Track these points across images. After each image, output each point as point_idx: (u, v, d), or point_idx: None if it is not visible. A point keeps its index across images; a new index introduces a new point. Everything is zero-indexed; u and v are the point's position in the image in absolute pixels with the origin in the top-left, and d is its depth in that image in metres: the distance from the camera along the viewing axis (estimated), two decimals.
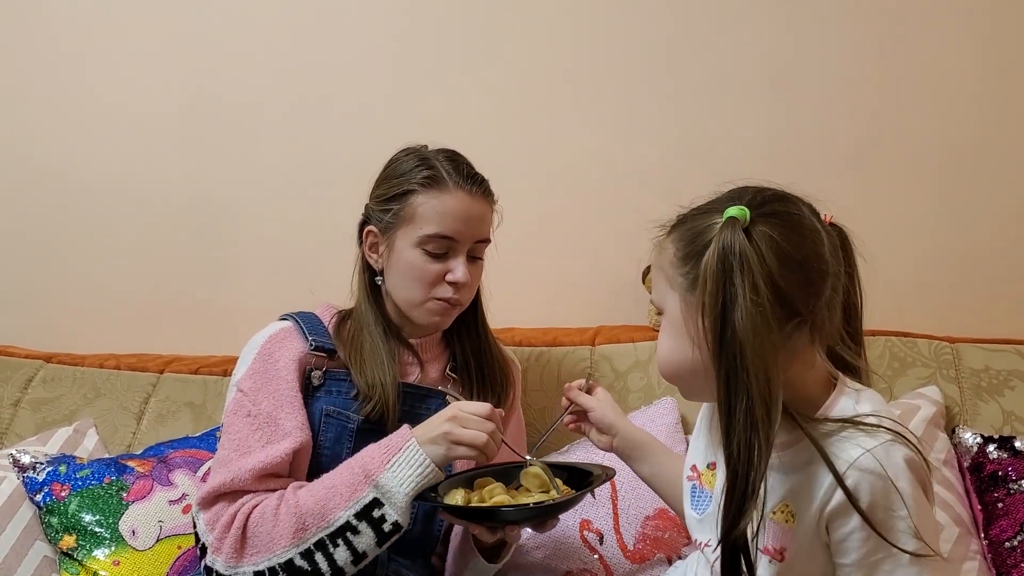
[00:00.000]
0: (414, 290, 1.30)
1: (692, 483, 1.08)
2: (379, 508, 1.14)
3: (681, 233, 0.95)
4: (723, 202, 0.93)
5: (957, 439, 1.49)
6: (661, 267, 0.97)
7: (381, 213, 1.33)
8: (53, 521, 1.44)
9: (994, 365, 1.58)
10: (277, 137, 1.90)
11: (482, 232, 1.32)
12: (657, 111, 1.83)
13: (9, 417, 1.70)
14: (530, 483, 1.22)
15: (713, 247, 0.88)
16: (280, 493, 1.19)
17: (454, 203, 1.28)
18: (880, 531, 0.87)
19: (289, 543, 1.14)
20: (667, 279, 0.95)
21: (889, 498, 0.87)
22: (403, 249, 1.30)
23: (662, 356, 0.97)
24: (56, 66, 1.92)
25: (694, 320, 0.90)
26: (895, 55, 1.79)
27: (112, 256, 1.94)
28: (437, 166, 1.30)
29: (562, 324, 1.73)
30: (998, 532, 1.39)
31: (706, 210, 0.95)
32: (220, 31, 1.90)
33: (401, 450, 1.16)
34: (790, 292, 0.88)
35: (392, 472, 1.15)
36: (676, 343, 0.94)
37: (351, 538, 1.14)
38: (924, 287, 1.80)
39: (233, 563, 1.15)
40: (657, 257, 0.97)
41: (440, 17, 1.85)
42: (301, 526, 1.14)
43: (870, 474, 0.87)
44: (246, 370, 1.30)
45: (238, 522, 1.16)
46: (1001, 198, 1.79)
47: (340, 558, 1.14)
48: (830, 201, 1.79)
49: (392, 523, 1.15)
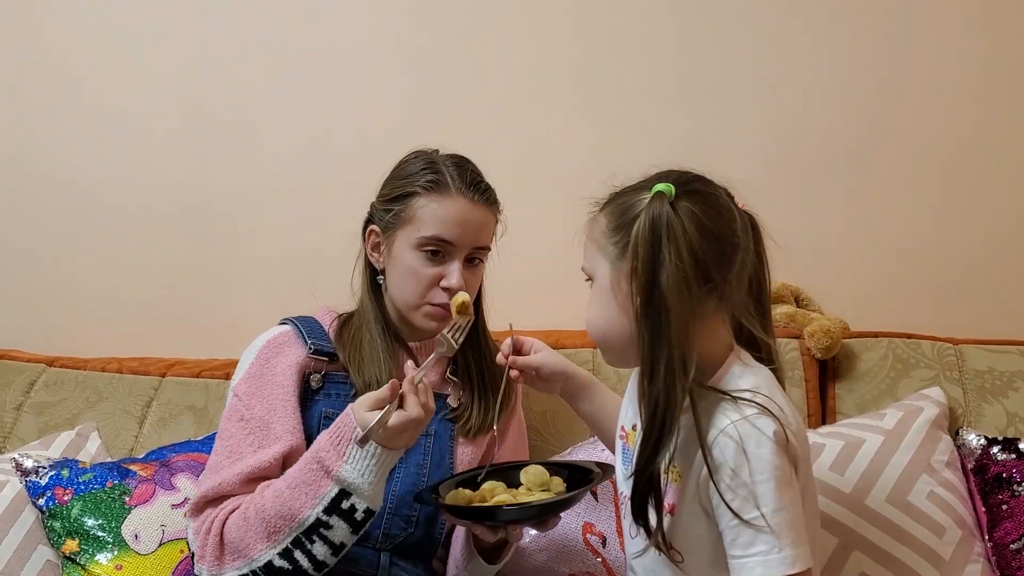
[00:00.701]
0: (410, 292, 1.30)
1: (622, 442, 1.16)
2: (347, 499, 1.13)
3: (613, 208, 1.05)
4: (651, 181, 1.04)
5: (961, 441, 1.48)
6: (594, 238, 1.06)
7: (383, 212, 1.33)
8: (56, 525, 1.44)
9: (998, 366, 1.58)
10: (279, 141, 1.90)
11: (481, 239, 1.32)
12: (659, 113, 1.83)
13: (12, 421, 1.70)
14: (530, 482, 1.21)
15: (643, 217, 0.99)
16: (250, 497, 1.18)
17: (454, 208, 1.28)
18: (728, 498, 0.97)
19: (265, 546, 1.14)
20: (599, 248, 1.05)
21: (745, 468, 0.96)
22: (402, 250, 1.30)
23: (592, 321, 1.06)
24: (58, 70, 1.92)
25: (623, 284, 1.01)
26: (895, 56, 1.79)
27: (114, 260, 1.95)
28: (443, 171, 1.30)
29: (564, 327, 1.73)
30: (1003, 534, 1.38)
31: (635, 188, 1.06)
32: (221, 34, 1.90)
33: (351, 441, 1.13)
34: (706, 260, 0.98)
35: (350, 465, 1.13)
36: (604, 308, 1.04)
37: (325, 533, 1.14)
38: (927, 288, 1.80)
39: (216, 570, 1.16)
40: (590, 230, 1.08)
41: (442, 21, 1.86)
42: (273, 528, 1.14)
43: (732, 443, 0.97)
44: (243, 375, 1.30)
45: (215, 529, 1.17)
46: (1004, 199, 1.79)
47: (319, 552, 1.14)
48: (830, 205, 1.82)
49: (363, 511, 1.14)
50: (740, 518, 0.96)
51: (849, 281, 1.82)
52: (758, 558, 0.96)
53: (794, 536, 0.96)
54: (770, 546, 0.95)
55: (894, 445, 1.42)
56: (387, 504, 1.26)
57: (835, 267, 1.82)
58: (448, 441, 1.34)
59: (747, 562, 0.96)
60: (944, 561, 1.34)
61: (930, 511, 1.37)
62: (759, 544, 0.96)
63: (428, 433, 1.32)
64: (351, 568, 1.25)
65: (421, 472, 1.31)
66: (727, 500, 0.97)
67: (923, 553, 1.34)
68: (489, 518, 1.16)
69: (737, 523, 0.96)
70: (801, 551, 0.96)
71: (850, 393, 1.60)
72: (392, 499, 1.27)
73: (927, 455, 1.42)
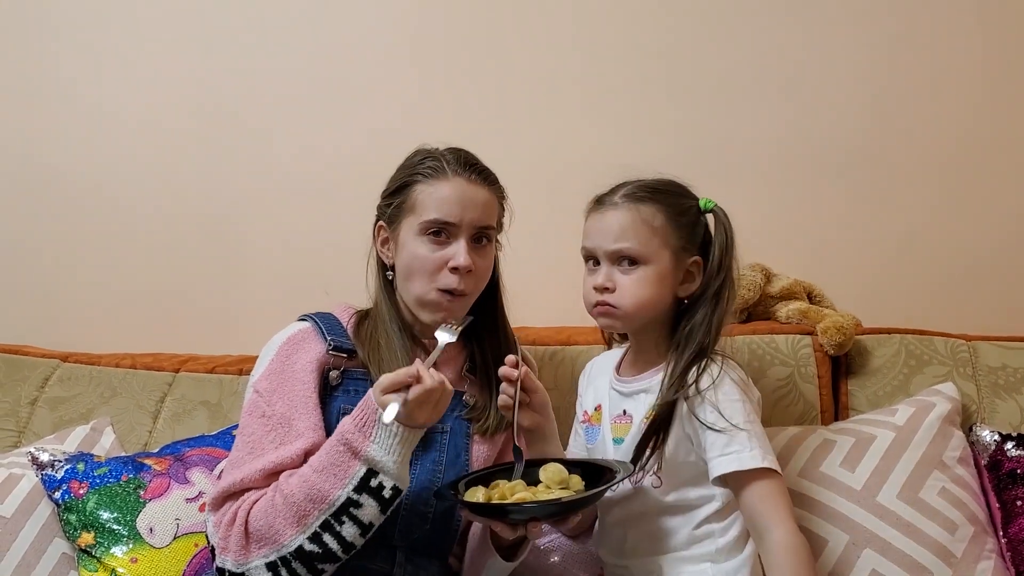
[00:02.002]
0: (418, 281, 1.31)
1: (585, 425, 1.37)
2: (375, 477, 1.16)
3: (667, 206, 1.26)
4: (673, 185, 1.29)
5: (975, 437, 1.47)
6: (651, 226, 1.24)
7: (386, 207, 1.35)
8: (71, 518, 1.46)
9: (1011, 363, 1.57)
10: (289, 139, 1.92)
11: (483, 219, 1.32)
12: (669, 111, 1.84)
13: (27, 416, 1.72)
14: (550, 479, 1.21)
15: (718, 226, 1.27)
16: (275, 484, 1.20)
17: (451, 189, 1.30)
18: (710, 419, 1.20)
19: (295, 531, 1.15)
20: (661, 238, 1.24)
21: (722, 394, 1.21)
22: (407, 240, 1.31)
23: (639, 298, 1.24)
24: (69, 70, 1.94)
25: (683, 268, 1.26)
26: (905, 55, 1.80)
27: (128, 257, 1.96)
28: (440, 159, 1.32)
29: (576, 323, 1.73)
30: (1018, 530, 1.38)
31: (671, 191, 1.28)
32: (232, 33, 1.92)
33: (377, 422, 1.16)
34: None
35: (376, 444, 1.16)
36: (654, 287, 1.24)
37: (355, 512, 1.16)
38: (940, 285, 1.80)
39: (243, 559, 1.16)
40: (637, 216, 1.24)
41: (451, 21, 1.87)
42: (303, 512, 1.15)
43: (709, 379, 1.22)
44: (263, 371, 1.31)
45: (239, 519, 1.18)
46: (1015, 195, 1.79)
47: (348, 534, 1.16)
48: (842, 200, 1.82)
49: (391, 488, 1.16)
50: (715, 429, 1.18)
51: (862, 278, 1.82)
52: (732, 456, 1.17)
53: (763, 443, 1.19)
54: (742, 446, 1.17)
55: (905, 441, 1.41)
56: (404, 501, 1.27)
57: (848, 264, 1.83)
58: (464, 438, 1.35)
59: (723, 459, 1.18)
60: (956, 558, 1.34)
61: (942, 507, 1.37)
62: (734, 445, 1.17)
63: (443, 430, 1.33)
64: (368, 564, 1.26)
65: (436, 469, 1.32)
66: (708, 420, 1.19)
67: (935, 550, 1.34)
68: (509, 515, 1.16)
69: (715, 433, 1.18)
70: (770, 456, 1.18)
71: (863, 390, 1.59)
72: (409, 496, 1.27)
73: (939, 451, 1.41)
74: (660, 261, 1.24)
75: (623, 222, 1.24)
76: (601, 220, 1.27)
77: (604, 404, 1.34)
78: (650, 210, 1.24)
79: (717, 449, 1.18)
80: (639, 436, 1.24)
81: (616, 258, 1.25)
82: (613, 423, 1.30)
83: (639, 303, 1.24)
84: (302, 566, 1.15)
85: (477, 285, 1.34)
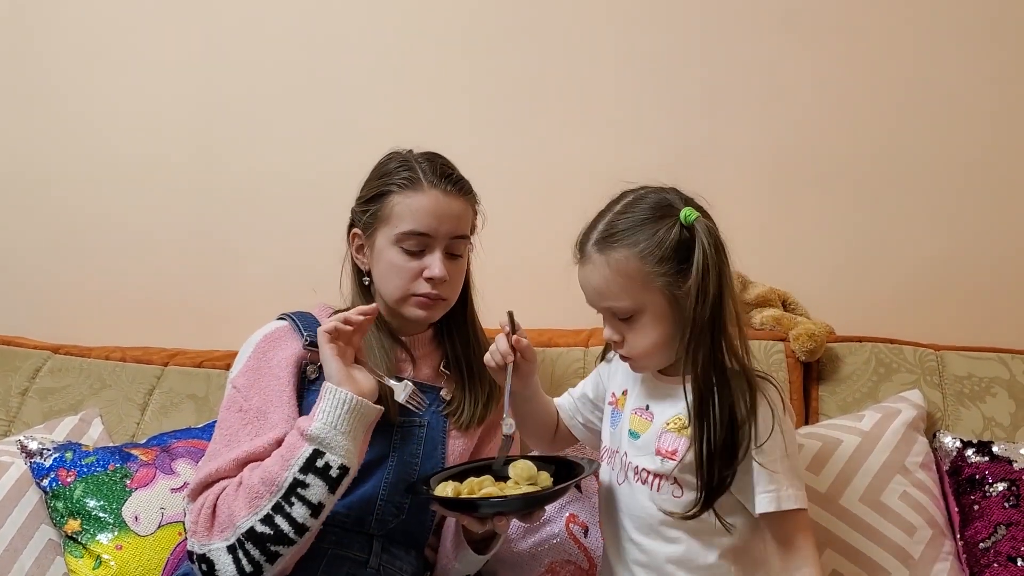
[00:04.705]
0: (395, 288, 1.34)
1: (612, 407, 1.31)
2: (320, 458, 1.18)
3: (641, 245, 1.15)
4: (647, 210, 1.18)
5: (937, 443, 1.50)
6: (629, 277, 1.16)
7: (362, 214, 1.38)
8: (58, 505, 1.48)
9: (977, 372, 1.60)
10: (280, 137, 1.94)
11: (458, 229, 1.35)
12: (655, 120, 1.87)
13: (17, 405, 1.74)
14: (518, 475, 1.25)
15: (700, 240, 1.14)
16: (242, 473, 1.23)
17: (427, 201, 1.32)
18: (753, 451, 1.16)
19: (247, 513, 1.18)
20: (640, 284, 1.16)
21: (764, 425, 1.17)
22: (383, 248, 1.35)
23: (644, 346, 1.19)
24: (63, 66, 1.96)
25: (682, 303, 1.15)
26: (889, 69, 1.82)
27: (119, 252, 1.99)
28: (415, 167, 1.35)
29: (556, 325, 1.76)
30: (973, 533, 1.41)
31: (644, 219, 1.17)
32: (224, 35, 1.94)
33: (322, 399, 1.20)
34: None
35: (320, 421, 1.19)
36: (658, 330, 1.18)
37: (303, 492, 1.18)
38: (912, 295, 1.83)
39: (205, 540, 1.20)
40: (611, 272, 1.16)
41: (440, 27, 1.90)
42: (256, 495, 1.18)
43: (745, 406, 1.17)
44: (241, 368, 1.34)
45: (208, 503, 1.21)
46: (987, 210, 1.81)
47: (298, 515, 1.18)
48: (819, 211, 1.84)
49: (338, 467, 1.19)
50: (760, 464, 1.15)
51: (836, 287, 1.84)
52: (771, 494, 1.15)
53: (799, 479, 1.17)
54: (779, 484, 1.15)
55: (870, 446, 1.45)
56: (380, 491, 1.31)
57: (823, 273, 1.85)
58: (441, 433, 1.38)
59: (763, 497, 1.15)
60: (914, 559, 1.38)
61: (902, 511, 1.40)
62: (772, 483, 1.15)
63: (421, 424, 1.36)
64: (345, 553, 1.29)
65: (413, 462, 1.35)
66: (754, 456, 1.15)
67: (893, 551, 1.38)
68: (474, 510, 1.20)
69: (758, 467, 1.15)
70: (803, 492, 1.17)
71: (832, 396, 1.62)
72: (385, 487, 1.31)
73: (902, 456, 1.45)
74: (651, 304, 1.16)
75: (598, 281, 1.17)
76: (584, 276, 1.21)
77: (630, 390, 1.28)
78: (622, 256, 1.15)
79: (760, 486, 1.16)
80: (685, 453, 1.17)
81: (610, 315, 1.20)
82: (633, 414, 1.26)
83: (648, 350, 1.19)
84: (255, 547, 1.17)
85: (454, 290, 1.39)
